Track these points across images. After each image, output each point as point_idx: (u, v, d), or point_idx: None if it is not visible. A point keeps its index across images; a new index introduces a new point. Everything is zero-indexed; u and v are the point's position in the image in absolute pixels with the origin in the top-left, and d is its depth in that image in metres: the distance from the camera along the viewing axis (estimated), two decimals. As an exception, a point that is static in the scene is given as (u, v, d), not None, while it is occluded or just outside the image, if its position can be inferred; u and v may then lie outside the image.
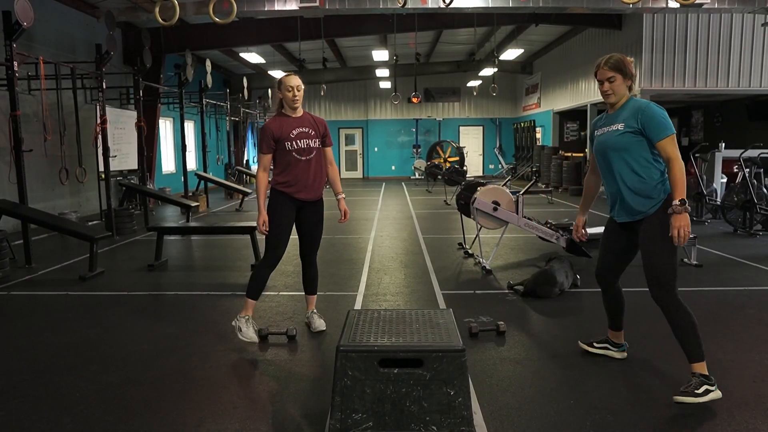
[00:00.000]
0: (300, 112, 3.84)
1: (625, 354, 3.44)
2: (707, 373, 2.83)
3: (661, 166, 2.92)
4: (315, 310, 4.17)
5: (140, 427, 2.67)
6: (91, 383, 3.17)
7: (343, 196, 4.12)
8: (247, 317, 3.80)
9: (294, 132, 3.74)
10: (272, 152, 3.76)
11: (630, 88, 3.00)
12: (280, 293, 5.13)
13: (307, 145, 3.77)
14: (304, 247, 4.02)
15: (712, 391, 2.79)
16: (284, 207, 3.79)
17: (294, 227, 3.92)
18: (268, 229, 3.74)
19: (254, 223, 6.21)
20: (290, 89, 3.72)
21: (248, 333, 3.75)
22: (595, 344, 3.49)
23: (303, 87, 3.81)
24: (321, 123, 3.92)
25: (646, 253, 2.93)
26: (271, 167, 3.83)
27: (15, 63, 6.35)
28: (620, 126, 2.93)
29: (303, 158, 3.77)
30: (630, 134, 2.90)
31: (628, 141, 2.91)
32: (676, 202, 2.74)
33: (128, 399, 2.97)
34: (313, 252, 4.04)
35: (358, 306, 4.77)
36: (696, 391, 2.75)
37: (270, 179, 3.82)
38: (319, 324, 4.07)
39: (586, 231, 3.50)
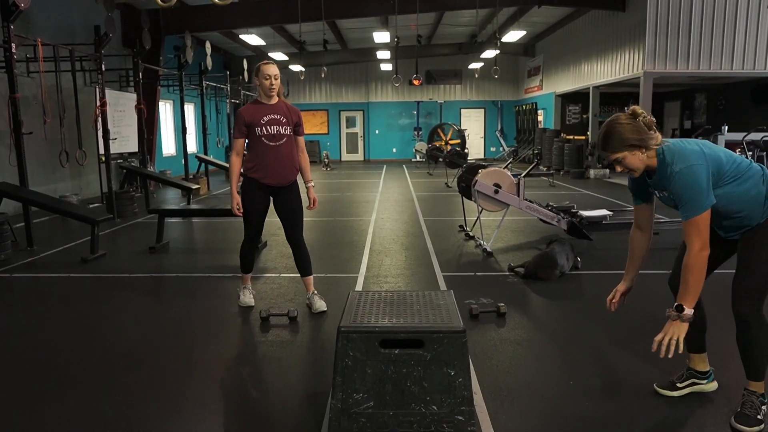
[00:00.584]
0: (275, 100, 3.96)
1: (715, 383, 2.82)
2: (762, 391, 2.50)
3: (751, 178, 2.39)
4: (315, 291, 4.21)
5: (143, 406, 2.69)
6: (94, 364, 3.20)
7: (313, 184, 4.30)
8: (243, 287, 4.27)
9: (265, 118, 3.87)
10: (244, 137, 3.90)
11: (649, 147, 2.34)
12: (281, 275, 5.14)
13: (277, 131, 3.89)
14: (287, 230, 4.16)
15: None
16: (255, 192, 3.96)
17: (276, 213, 4.11)
18: (242, 212, 3.96)
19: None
20: (267, 77, 3.84)
21: (243, 298, 4.23)
22: (678, 385, 2.79)
23: (280, 76, 3.94)
24: (295, 112, 4.04)
25: (746, 261, 2.47)
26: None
27: (13, 45, 6.30)
28: (667, 194, 2.42)
29: (272, 144, 3.89)
30: None
31: None
32: (673, 309, 2.35)
33: (131, 379, 2.99)
34: (297, 234, 4.15)
35: (359, 288, 4.79)
36: (760, 417, 2.44)
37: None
38: (320, 305, 4.12)
39: (621, 301, 2.86)
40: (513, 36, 16.44)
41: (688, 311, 2.30)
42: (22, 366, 3.19)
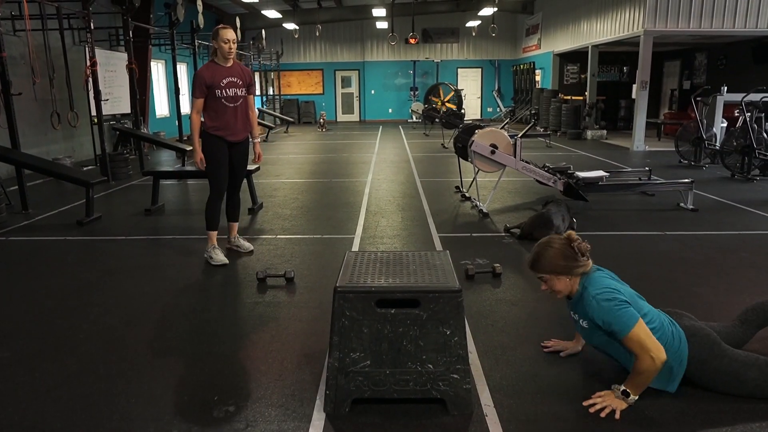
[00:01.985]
0: (231, 63, 4.24)
1: None
2: None
3: (659, 330, 2.38)
4: (237, 236, 4.68)
5: (142, 366, 2.73)
6: (93, 325, 3.22)
7: (259, 140, 4.66)
8: (213, 246, 4.38)
9: (224, 81, 4.17)
10: (204, 97, 4.16)
11: (574, 274, 2.42)
12: (278, 236, 5.15)
13: (235, 93, 4.23)
14: (232, 179, 4.48)
15: None
16: (219, 147, 4.27)
17: None
18: (206, 165, 4.26)
19: (251, 167, 6.19)
20: (226, 42, 4.11)
21: (217, 257, 4.32)
22: None
23: (237, 40, 4.22)
24: (248, 73, 4.36)
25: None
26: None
27: (-2, 1, 6.13)
28: (585, 323, 2.47)
29: (231, 105, 4.23)
30: (600, 331, 2.42)
31: (603, 337, 2.43)
32: (620, 389, 2.32)
33: (130, 340, 3.03)
34: (237, 185, 4.55)
35: (355, 248, 4.81)
36: None
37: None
38: (247, 245, 4.65)
39: (562, 353, 2.80)
40: (512, -7, 16.08)
41: (633, 398, 2.32)
42: (22, 326, 3.21)
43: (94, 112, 8.78)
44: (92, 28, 8.34)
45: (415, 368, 2.27)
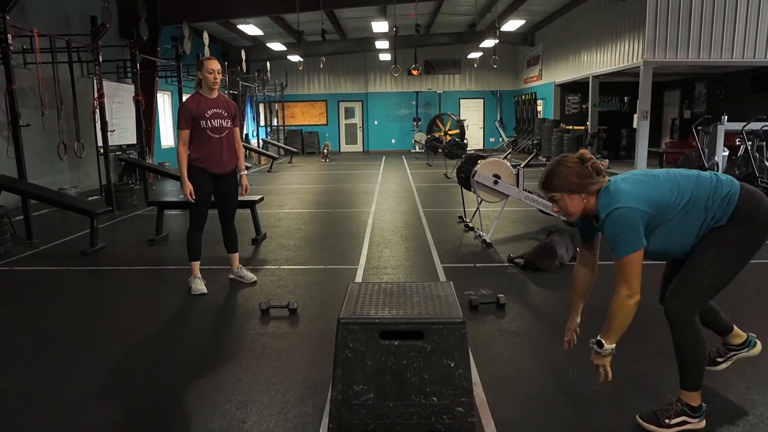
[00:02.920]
0: (215, 94, 4.27)
1: (759, 345, 2.77)
2: (696, 404, 2.37)
3: (694, 209, 2.26)
4: (240, 266, 4.68)
5: (143, 397, 2.70)
6: (94, 354, 3.20)
7: (246, 173, 4.62)
8: (193, 276, 4.42)
9: (209, 112, 4.18)
10: (190, 128, 4.16)
11: (589, 192, 2.32)
12: (281, 267, 5.15)
13: (220, 124, 4.24)
14: (221, 212, 4.53)
15: (692, 422, 2.36)
16: (202, 180, 4.26)
17: (214, 196, 4.44)
18: (195, 197, 4.23)
19: (254, 198, 6.23)
20: (211, 72, 4.13)
21: (195, 287, 4.34)
22: (718, 360, 2.79)
23: (222, 71, 4.24)
24: (233, 105, 4.39)
25: (691, 261, 2.35)
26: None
27: (9, 36, 6.26)
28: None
29: (216, 136, 4.24)
30: None
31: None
32: (594, 341, 2.33)
33: (131, 370, 3.00)
34: (229, 217, 4.56)
35: (358, 279, 4.79)
36: (667, 421, 2.35)
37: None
38: (250, 275, 4.63)
39: (576, 334, 2.74)
40: (512, 25, 16.34)
41: (608, 347, 2.30)
42: (23, 355, 3.19)
43: (100, 143, 8.89)
44: (101, 60, 8.50)
45: (419, 401, 2.24)
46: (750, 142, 8.28)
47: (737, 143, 9.66)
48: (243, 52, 17.74)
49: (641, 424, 2.39)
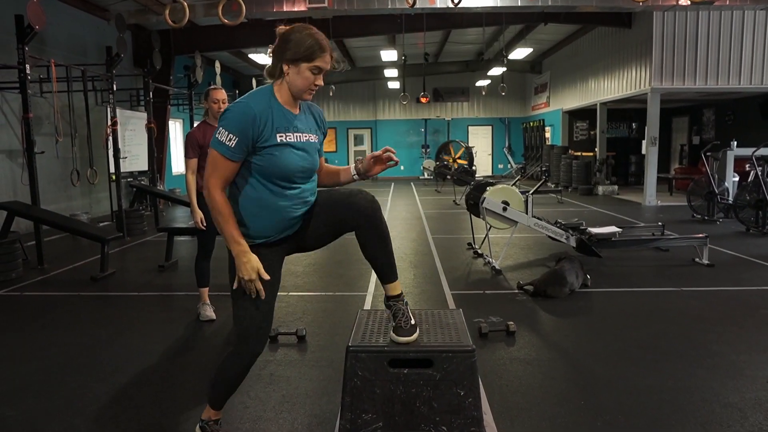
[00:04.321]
0: None
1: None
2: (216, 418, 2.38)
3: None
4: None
5: (151, 426, 2.68)
6: (103, 383, 3.19)
7: None
8: (202, 303, 4.46)
9: None
10: (197, 156, 4.19)
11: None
12: (290, 294, 5.14)
13: None
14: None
15: None
16: (206, 208, 4.22)
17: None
18: (204, 225, 4.23)
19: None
20: (216, 102, 4.21)
21: (205, 313, 4.38)
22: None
23: (227, 101, 4.24)
24: None
25: None
26: None
27: (27, 66, 6.41)
28: None
29: None
30: None
31: None
32: None
33: (139, 399, 2.99)
34: None
35: (367, 306, 4.77)
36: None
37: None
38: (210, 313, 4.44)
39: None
40: (520, 53, 16.54)
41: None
42: (31, 384, 3.19)
43: (112, 170, 9.00)
44: (115, 89, 8.66)
45: (429, 430, 2.21)
46: (760, 168, 8.25)
47: (747, 169, 9.62)
48: (254, 81, 18.02)
49: None
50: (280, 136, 2.09)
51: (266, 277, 2.12)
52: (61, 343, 3.90)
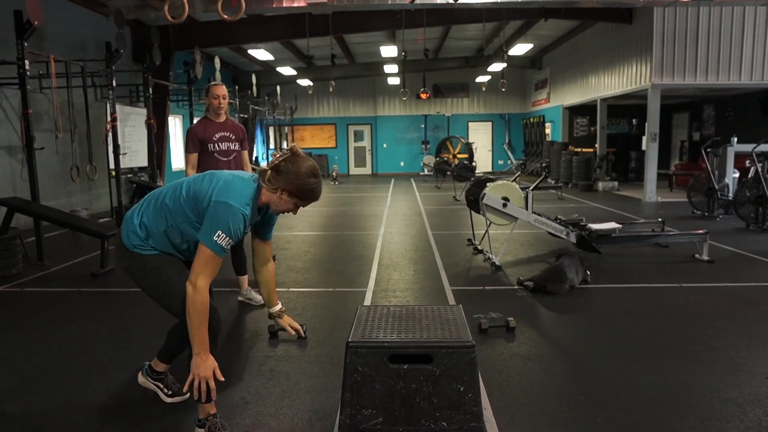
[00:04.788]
0: (223, 118, 4.36)
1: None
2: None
3: None
4: (249, 288, 4.66)
5: (152, 422, 2.69)
6: (103, 379, 3.20)
7: None
8: (247, 290, 4.62)
9: (216, 135, 4.27)
10: (197, 152, 4.23)
11: None
12: (290, 290, 5.14)
13: (228, 147, 4.33)
14: None
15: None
16: None
17: None
18: None
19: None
20: (216, 97, 4.23)
21: (255, 297, 4.54)
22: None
23: (228, 96, 4.32)
24: (240, 129, 4.45)
25: None
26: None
27: (26, 62, 6.40)
28: None
29: (224, 159, 4.32)
30: None
31: None
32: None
33: (140, 394, 2.99)
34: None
35: (367, 302, 4.78)
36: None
37: None
38: (259, 298, 4.55)
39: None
40: (520, 49, 16.48)
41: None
42: (32, 380, 3.19)
43: (112, 166, 9.00)
44: (114, 85, 8.65)
45: (429, 425, 2.22)
46: (760, 164, 8.24)
47: (747, 165, 9.62)
48: (254, 77, 18.01)
49: None
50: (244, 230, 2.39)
51: (221, 378, 2.37)
52: (61, 339, 3.91)
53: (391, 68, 18.94)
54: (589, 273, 5.16)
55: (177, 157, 15.66)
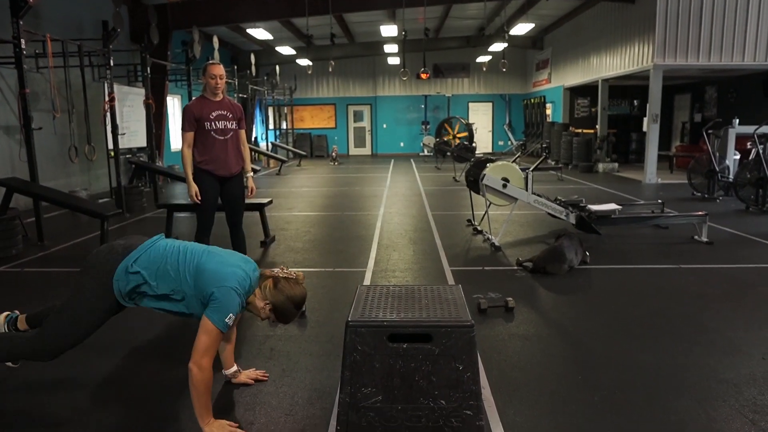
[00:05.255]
0: (220, 97, 4.31)
1: None
2: None
3: None
4: None
5: (152, 401, 2.71)
6: (104, 362, 3.22)
7: (252, 174, 4.66)
8: None
9: (213, 114, 4.24)
10: (194, 130, 4.21)
11: None
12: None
13: (225, 126, 4.29)
14: (229, 217, 4.57)
15: None
16: (208, 182, 4.32)
17: (221, 199, 4.47)
18: (200, 199, 4.27)
19: (263, 200, 6.26)
20: (213, 77, 4.18)
21: None
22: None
23: (225, 76, 4.28)
24: (238, 108, 4.41)
25: None
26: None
27: (22, 41, 6.33)
28: None
29: (220, 138, 4.28)
30: None
31: None
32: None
33: (142, 376, 3.02)
34: (237, 221, 4.59)
35: (367, 282, 4.79)
36: None
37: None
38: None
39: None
40: (521, 29, 16.31)
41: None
42: (31, 363, 3.21)
43: (111, 146, 8.96)
44: (112, 65, 8.57)
45: (428, 404, 2.24)
46: (762, 146, 8.21)
47: (749, 147, 9.58)
48: (252, 56, 17.84)
49: None
50: None
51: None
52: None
53: (391, 48, 18.76)
54: (588, 254, 5.17)
55: (176, 137, 15.58)
